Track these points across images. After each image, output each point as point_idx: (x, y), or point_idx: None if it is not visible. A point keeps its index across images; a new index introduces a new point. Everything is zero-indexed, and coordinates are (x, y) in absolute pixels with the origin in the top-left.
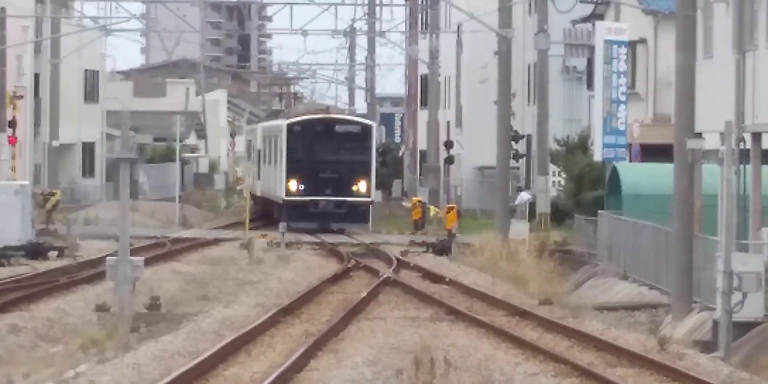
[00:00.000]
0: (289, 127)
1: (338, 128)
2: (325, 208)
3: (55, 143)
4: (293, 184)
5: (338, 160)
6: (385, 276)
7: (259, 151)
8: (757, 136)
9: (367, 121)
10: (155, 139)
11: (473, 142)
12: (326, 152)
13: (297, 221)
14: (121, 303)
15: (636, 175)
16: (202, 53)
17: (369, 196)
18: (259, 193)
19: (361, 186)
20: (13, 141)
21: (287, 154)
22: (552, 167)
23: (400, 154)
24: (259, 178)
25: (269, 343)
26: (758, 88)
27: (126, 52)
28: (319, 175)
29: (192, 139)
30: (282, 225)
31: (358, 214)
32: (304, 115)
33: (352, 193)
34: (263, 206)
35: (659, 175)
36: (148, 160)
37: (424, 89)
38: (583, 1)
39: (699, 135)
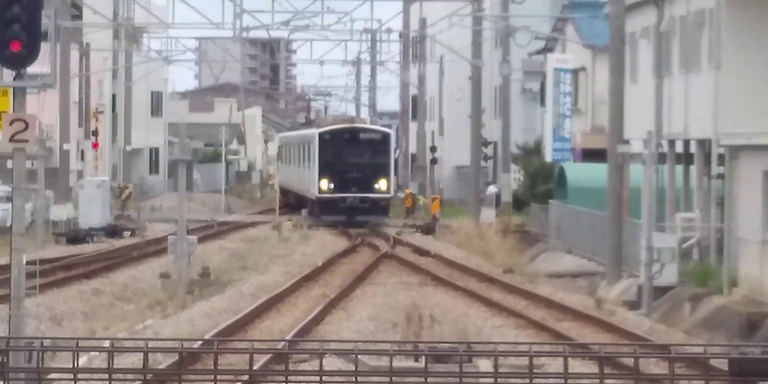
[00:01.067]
0: (321, 135)
1: (362, 136)
2: (352, 203)
3: (128, 148)
4: (324, 183)
5: (362, 162)
6: (384, 251)
7: (287, 154)
8: (671, 143)
9: (386, 130)
10: (206, 145)
11: (452, 147)
12: (352, 156)
13: (327, 215)
14: (179, 272)
15: (578, 173)
16: (242, 78)
17: (389, 193)
18: (288, 187)
19: (382, 184)
20: (95, 146)
21: (319, 158)
22: (513, 166)
23: (396, 156)
24: (287, 176)
25: (294, 303)
26: (672, 105)
27: (183, 77)
28: (346, 175)
29: (234, 145)
30: (304, 211)
31: (379, 208)
32: (332, 124)
33: (374, 191)
34: (286, 197)
35: (596, 173)
36: (200, 161)
37: (414, 106)
38: (537, 38)
39: (627, 141)
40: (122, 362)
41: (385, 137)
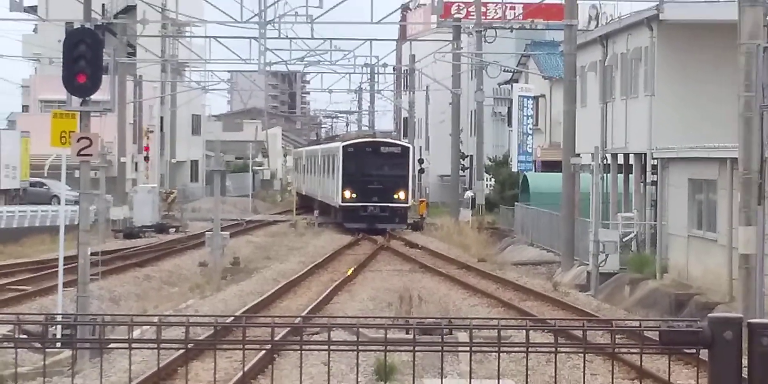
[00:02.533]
0: (344, 148)
1: (383, 149)
2: (372, 212)
3: (173, 160)
4: (347, 193)
5: (383, 174)
6: (381, 244)
7: (304, 165)
8: (614, 156)
9: (406, 144)
10: (236, 158)
11: (436, 159)
12: (373, 168)
13: (350, 222)
14: (214, 261)
15: (538, 180)
16: (265, 104)
17: (406, 203)
18: (304, 193)
19: (401, 194)
20: (147, 159)
21: (343, 169)
22: (485, 175)
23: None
24: (303, 183)
25: (308, 286)
26: (614, 125)
27: (217, 103)
28: (367, 185)
29: (259, 158)
30: (315, 212)
31: (398, 216)
32: (355, 139)
33: (393, 200)
34: (303, 201)
35: (553, 180)
36: (231, 171)
37: (405, 126)
38: (505, 71)
39: (578, 155)
40: (168, 334)
41: (405, 151)
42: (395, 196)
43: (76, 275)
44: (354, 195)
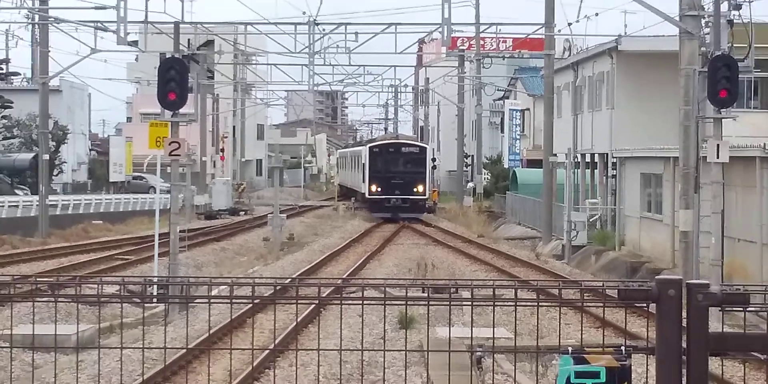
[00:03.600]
0: (370, 149)
1: (404, 149)
2: (395, 203)
3: (242, 159)
4: (373, 187)
5: (404, 170)
6: (402, 224)
7: (342, 163)
8: (583, 155)
9: (424, 144)
10: (291, 157)
11: (445, 158)
12: (396, 165)
13: (376, 212)
14: (275, 236)
15: (524, 174)
16: (314, 116)
17: (425, 195)
18: (343, 184)
19: (420, 188)
20: (222, 158)
21: (369, 167)
22: (483, 171)
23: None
24: (342, 177)
25: (346, 256)
26: (583, 132)
27: (277, 115)
28: (391, 181)
29: (309, 157)
30: (353, 200)
31: (417, 207)
32: (382, 141)
33: (413, 193)
34: (343, 191)
35: (536, 174)
36: (287, 167)
37: (422, 133)
38: (498, 90)
39: (555, 155)
40: (238, 293)
41: (422, 150)
42: (415, 190)
43: (168, 247)
44: (379, 189)
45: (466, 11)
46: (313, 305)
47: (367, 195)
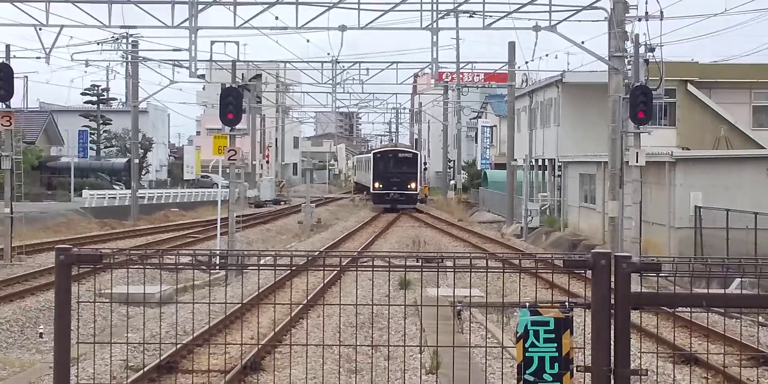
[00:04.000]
0: (374, 154)
1: (400, 155)
2: (393, 197)
3: (282, 163)
4: (377, 184)
5: (400, 171)
6: (401, 212)
7: (356, 166)
8: (536, 160)
9: (416, 151)
10: (319, 161)
11: (434, 162)
12: (394, 167)
13: (378, 203)
14: (306, 220)
15: (493, 174)
16: (336, 130)
17: (416, 191)
18: (357, 182)
19: (412, 185)
20: (267, 162)
21: (374, 169)
22: (462, 171)
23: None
24: (356, 176)
25: (360, 235)
26: (536, 143)
27: (308, 130)
28: (390, 179)
29: (332, 161)
30: (365, 194)
31: (410, 200)
32: (383, 148)
33: (407, 189)
34: (357, 187)
35: (501, 174)
36: (316, 169)
37: (416, 144)
38: (473, 111)
39: (515, 160)
40: (280, 262)
41: (414, 156)
42: (408, 186)
43: (227, 228)
44: (381, 185)
45: (449, 53)
46: (336, 271)
47: (372, 190)
